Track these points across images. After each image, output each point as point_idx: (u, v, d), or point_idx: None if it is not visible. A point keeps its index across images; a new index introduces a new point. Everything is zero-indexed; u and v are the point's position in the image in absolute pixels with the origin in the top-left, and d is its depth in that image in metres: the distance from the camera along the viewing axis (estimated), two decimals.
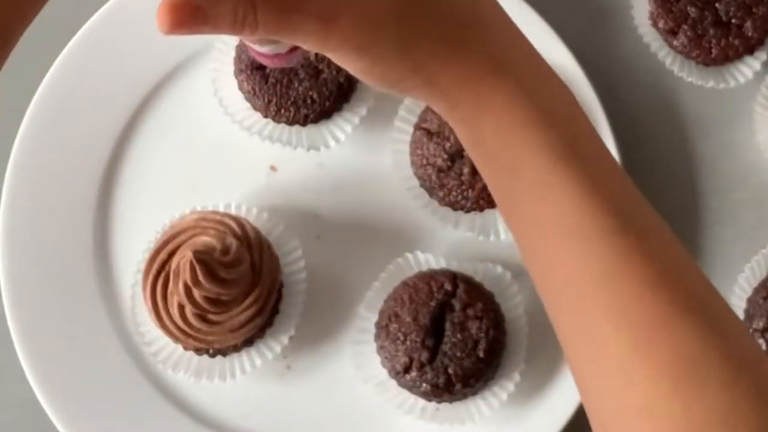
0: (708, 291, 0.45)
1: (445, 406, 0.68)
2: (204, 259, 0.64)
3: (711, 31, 0.70)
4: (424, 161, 0.70)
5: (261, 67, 0.70)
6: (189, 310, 0.66)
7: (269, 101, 0.70)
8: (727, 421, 0.41)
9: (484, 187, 0.69)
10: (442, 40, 0.45)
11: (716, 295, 0.45)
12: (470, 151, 0.48)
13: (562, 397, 0.69)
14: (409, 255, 0.70)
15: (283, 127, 0.71)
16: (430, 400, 0.68)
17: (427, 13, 0.45)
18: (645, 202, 0.47)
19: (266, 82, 0.70)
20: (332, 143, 0.71)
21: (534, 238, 0.47)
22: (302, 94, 0.70)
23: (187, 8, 0.40)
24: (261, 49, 0.57)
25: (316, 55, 0.70)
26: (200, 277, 0.64)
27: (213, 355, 0.68)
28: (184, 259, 0.64)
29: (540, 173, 0.46)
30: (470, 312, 0.67)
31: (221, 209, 0.69)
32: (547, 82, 0.48)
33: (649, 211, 0.47)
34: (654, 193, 0.72)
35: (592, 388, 0.45)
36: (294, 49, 0.57)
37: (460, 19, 0.46)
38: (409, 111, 0.71)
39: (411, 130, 0.71)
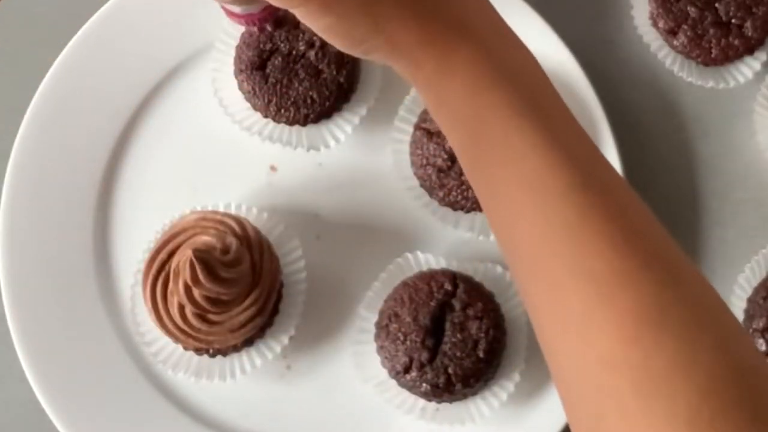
0: (668, 245, 0.46)
1: (445, 406, 0.68)
2: (204, 258, 0.64)
3: (711, 31, 0.70)
4: (424, 161, 0.70)
5: (261, 67, 0.70)
6: (189, 310, 0.66)
7: (269, 101, 0.70)
8: (686, 370, 0.41)
9: None
10: None
11: (676, 249, 0.46)
12: (434, 113, 0.49)
13: None
14: (409, 255, 0.70)
15: (283, 127, 0.71)
16: (430, 400, 0.68)
17: None
18: (606, 161, 0.47)
19: (266, 82, 0.70)
20: (332, 143, 0.71)
21: (497, 197, 0.47)
22: (302, 94, 0.70)
23: None
24: (235, 9, 0.57)
25: (316, 54, 0.70)
26: (200, 276, 0.64)
27: (213, 355, 0.68)
28: (184, 258, 0.64)
29: (502, 132, 0.46)
30: (470, 312, 0.67)
31: (221, 209, 0.69)
32: (509, 41, 0.48)
33: (609, 168, 0.47)
34: (654, 193, 0.73)
35: (554, 343, 0.45)
36: (266, 9, 0.57)
37: None
38: (409, 111, 0.71)
39: (411, 130, 0.71)
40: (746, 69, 0.71)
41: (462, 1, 0.47)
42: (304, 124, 0.71)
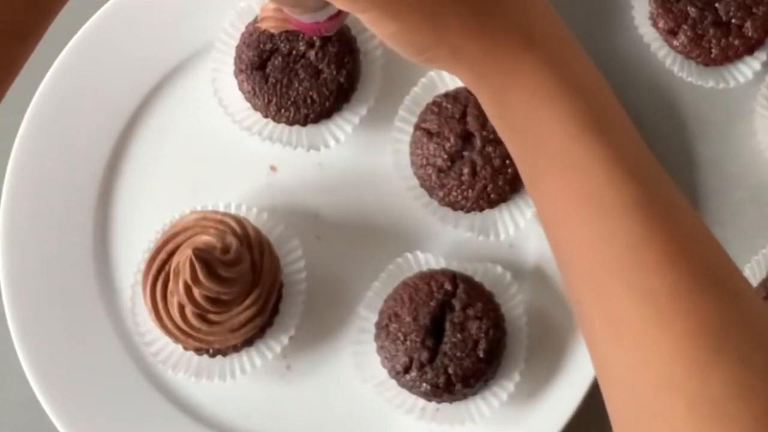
0: (728, 265, 0.45)
1: (445, 406, 0.68)
2: (204, 257, 0.64)
3: (711, 31, 0.70)
4: (424, 161, 0.70)
5: (261, 67, 0.70)
6: (189, 310, 0.66)
7: (269, 101, 0.70)
8: (743, 397, 0.41)
9: (484, 187, 0.69)
10: (470, 8, 0.45)
11: (736, 269, 0.45)
12: (495, 123, 0.48)
13: (562, 397, 0.68)
14: (409, 255, 0.70)
15: (283, 127, 0.71)
16: (430, 400, 0.68)
17: None
18: (667, 177, 0.47)
19: (266, 82, 0.70)
20: (332, 143, 0.71)
21: (557, 209, 0.47)
22: (302, 94, 0.70)
23: None
24: (301, 18, 0.57)
25: (316, 54, 0.70)
26: (200, 276, 0.64)
27: (213, 355, 0.68)
28: (184, 257, 0.64)
29: (565, 144, 0.45)
30: (470, 312, 0.67)
31: (221, 209, 0.69)
32: (574, 53, 0.48)
33: (672, 187, 0.47)
34: None
35: (608, 359, 0.45)
36: (332, 18, 0.57)
37: None
38: (409, 111, 0.71)
39: (411, 130, 0.71)
40: (746, 69, 0.71)
41: (527, 12, 0.47)
42: (304, 124, 0.71)
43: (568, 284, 0.47)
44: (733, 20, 0.70)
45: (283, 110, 0.70)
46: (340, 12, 0.58)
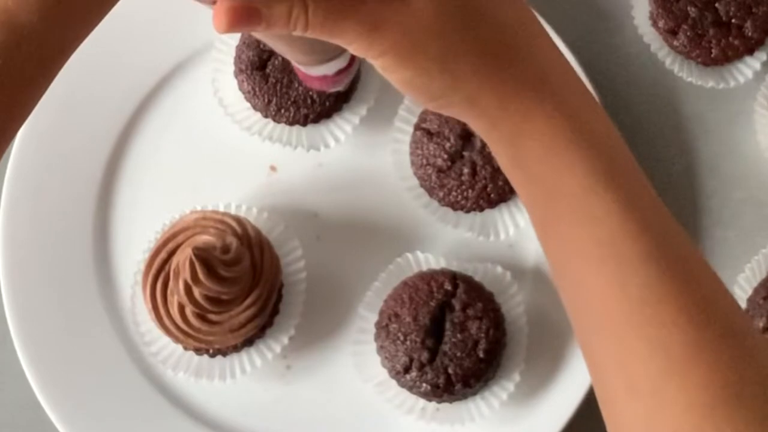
0: (740, 317, 0.45)
1: (445, 406, 0.68)
2: (204, 257, 0.64)
3: (711, 31, 0.70)
4: (424, 161, 0.70)
5: (261, 67, 0.70)
6: (189, 310, 0.66)
7: (269, 101, 0.70)
8: None
9: (484, 187, 0.69)
10: (484, 57, 0.45)
11: (747, 321, 0.46)
12: (508, 171, 0.48)
13: (562, 397, 0.68)
14: (409, 255, 0.70)
15: (283, 127, 0.71)
16: (430, 400, 0.68)
17: (471, 30, 0.45)
18: (681, 229, 0.47)
19: (266, 82, 0.70)
20: (332, 143, 0.71)
21: (569, 260, 0.47)
22: (302, 94, 0.70)
23: (244, 10, 0.42)
24: (310, 71, 0.56)
25: None
26: (200, 275, 0.64)
27: (213, 355, 0.68)
28: (183, 257, 0.64)
29: (579, 195, 0.46)
30: (470, 312, 0.67)
31: (221, 209, 0.69)
32: (585, 101, 0.48)
33: (684, 237, 0.47)
34: None
35: (622, 410, 0.45)
36: (341, 72, 0.57)
37: (503, 37, 0.46)
38: (409, 111, 0.71)
39: (411, 130, 0.71)
40: (746, 69, 0.71)
41: (541, 61, 0.47)
42: (304, 124, 0.71)
43: (578, 332, 0.47)
44: (733, 20, 0.70)
45: (283, 110, 0.70)
46: (349, 65, 0.57)
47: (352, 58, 0.58)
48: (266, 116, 0.71)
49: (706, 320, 0.43)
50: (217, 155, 0.73)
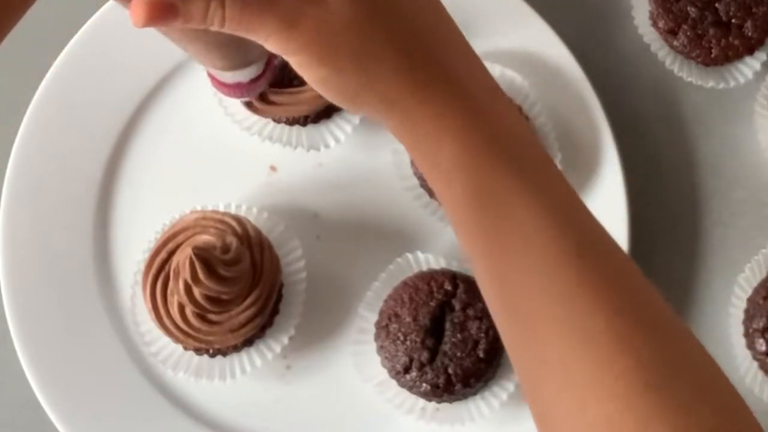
0: (663, 309, 0.46)
1: (445, 406, 0.68)
2: (204, 256, 0.64)
3: (711, 31, 0.70)
4: None
5: None
6: (189, 310, 0.66)
7: None
8: None
9: None
10: (400, 57, 0.46)
11: (671, 312, 0.46)
12: (426, 173, 0.48)
13: None
14: (409, 255, 0.70)
15: (283, 127, 0.71)
16: (430, 400, 0.68)
17: (388, 31, 0.45)
18: (601, 226, 0.48)
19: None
20: (332, 143, 0.71)
21: (494, 260, 0.47)
22: None
23: (161, 5, 0.43)
24: (224, 78, 0.56)
25: None
26: (200, 275, 0.64)
27: (213, 355, 0.68)
28: (183, 256, 0.64)
29: (500, 194, 0.46)
30: (470, 312, 0.67)
31: (221, 209, 0.69)
32: (504, 107, 0.48)
33: (605, 234, 0.47)
34: (654, 193, 0.73)
35: (549, 404, 0.45)
36: (254, 80, 0.57)
37: (419, 38, 0.46)
38: None
39: None
40: (746, 69, 0.71)
41: (456, 62, 0.47)
42: (304, 124, 0.71)
43: (502, 328, 0.48)
44: (733, 20, 0.70)
45: None
46: (263, 73, 0.57)
47: (266, 67, 0.58)
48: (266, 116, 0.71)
49: (629, 312, 0.44)
50: (217, 155, 0.73)
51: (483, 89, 0.48)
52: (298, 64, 0.45)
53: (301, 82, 0.69)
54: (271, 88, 0.68)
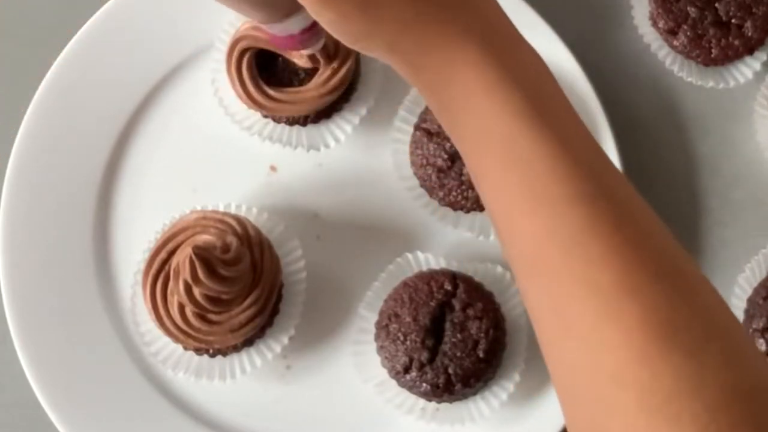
0: (678, 256, 0.45)
1: (445, 406, 0.68)
2: (204, 256, 0.64)
3: (711, 31, 0.70)
4: (424, 161, 0.70)
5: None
6: (189, 309, 0.66)
7: None
8: (694, 390, 0.41)
9: None
10: (404, 2, 0.45)
11: (687, 260, 0.45)
12: (438, 116, 0.48)
13: None
14: (409, 255, 0.70)
15: (283, 127, 0.71)
16: (430, 400, 0.68)
17: None
18: (614, 169, 0.47)
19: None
20: (332, 143, 0.71)
21: (503, 204, 0.46)
22: None
23: None
24: (273, 30, 0.56)
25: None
26: (200, 274, 0.64)
27: (213, 355, 0.68)
28: (183, 256, 0.64)
29: (507, 138, 0.45)
30: (470, 312, 0.67)
31: (221, 209, 0.69)
32: (516, 46, 0.47)
33: (618, 176, 0.46)
34: (654, 193, 0.72)
35: (560, 357, 0.45)
36: (306, 30, 0.56)
37: None
38: (409, 111, 0.71)
39: (411, 130, 0.71)
40: (746, 69, 0.71)
41: (465, 6, 0.46)
42: (304, 124, 0.71)
43: (516, 277, 0.47)
44: (733, 20, 0.70)
45: None
46: (314, 25, 0.57)
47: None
48: (266, 116, 0.71)
49: (640, 260, 0.43)
50: (217, 155, 0.73)
51: (493, 30, 0.47)
52: (308, 7, 0.45)
53: (301, 83, 0.70)
54: (272, 86, 0.68)
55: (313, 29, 0.57)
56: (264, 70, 0.70)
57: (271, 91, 0.68)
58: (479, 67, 0.46)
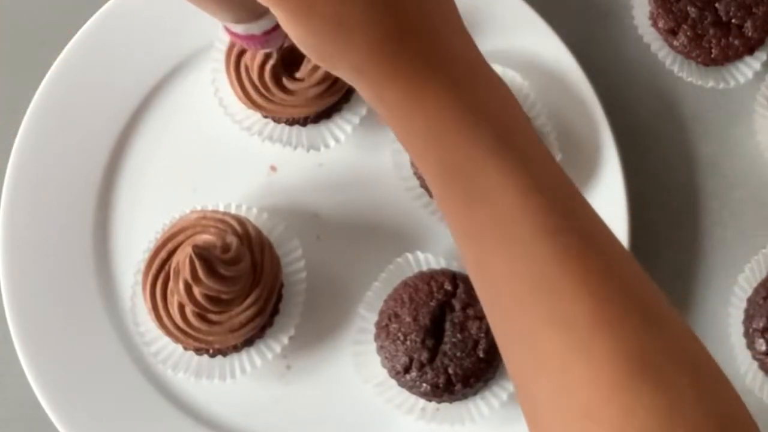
0: (647, 289, 0.44)
1: (445, 406, 0.68)
2: (204, 255, 0.64)
3: (711, 31, 0.70)
4: None
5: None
6: (189, 309, 0.66)
7: None
8: (666, 424, 0.40)
9: None
10: (377, 29, 0.45)
11: (655, 292, 0.44)
12: (403, 144, 0.47)
13: None
14: (409, 255, 0.70)
15: (283, 127, 0.71)
16: (430, 400, 0.68)
17: (370, 2, 0.44)
18: (585, 203, 0.46)
19: None
20: (332, 143, 0.71)
21: (471, 240, 0.46)
22: None
23: None
24: (235, 29, 0.57)
25: None
26: (200, 274, 0.64)
27: (213, 355, 0.68)
28: (183, 256, 0.64)
29: (472, 173, 0.45)
30: (470, 312, 0.67)
31: (221, 209, 0.69)
32: (484, 82, 0.47)
33: (589, 211, 0.46)
34: (654, 193, 0.73)
35: (532, 394, 0.44)
36: (267, 32, 0.57)
37: (400, 6, 0.45)
38: None
39: None
40: (746, 69, 0.71)
41: (433, 35, 0.46)
42: (304, 124, 0.71)
43: (488, 313, 0.46)
44: (733, 20, 0.70)
45: None
46: (276, 27, 0.57)
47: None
48: (266, 116, 0.71)
49: (610, 295, 0.43)
50: (217, 155, 0.73)
51: (461, 65, 0.46)
52: (280, 19, 0.45)
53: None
54: (270, 87, 0.68)
55: (274, 32, 0.58)
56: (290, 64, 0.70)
57: (275, 90, 0.68)
58: (444, 102, 0.45)
